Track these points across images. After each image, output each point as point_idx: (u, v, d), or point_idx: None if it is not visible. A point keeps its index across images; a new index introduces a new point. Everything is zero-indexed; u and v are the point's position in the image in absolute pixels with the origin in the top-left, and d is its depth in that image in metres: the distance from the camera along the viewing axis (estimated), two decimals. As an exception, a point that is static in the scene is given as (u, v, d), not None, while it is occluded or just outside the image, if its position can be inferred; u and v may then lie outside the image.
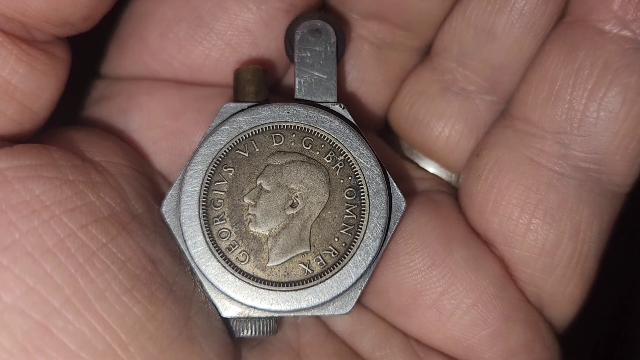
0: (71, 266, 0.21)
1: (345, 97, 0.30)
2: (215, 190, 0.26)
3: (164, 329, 0.23)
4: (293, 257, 0.25)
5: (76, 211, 0.23)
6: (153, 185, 0.27)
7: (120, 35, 0.30)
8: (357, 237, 0.25)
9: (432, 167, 0.31)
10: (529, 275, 0.27)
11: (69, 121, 0.31)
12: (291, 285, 0.25)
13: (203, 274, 0.25)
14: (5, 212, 0.21)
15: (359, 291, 0.26)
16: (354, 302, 0.26)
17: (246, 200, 0.25)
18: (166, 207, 0.26)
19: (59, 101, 0.27)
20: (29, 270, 0.21)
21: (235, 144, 0.26)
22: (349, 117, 0.27)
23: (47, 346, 0.21)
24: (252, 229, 0.25)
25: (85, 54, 0.31)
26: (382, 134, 0.32)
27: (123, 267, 0.22)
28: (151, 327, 0.22)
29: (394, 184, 0.26)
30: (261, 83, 0.27)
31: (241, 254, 0.25)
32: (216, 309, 0.25)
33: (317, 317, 0.28)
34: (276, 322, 0.26)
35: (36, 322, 0.21)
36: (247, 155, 0.26)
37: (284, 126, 0.26)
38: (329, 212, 0.26)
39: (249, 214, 0.25)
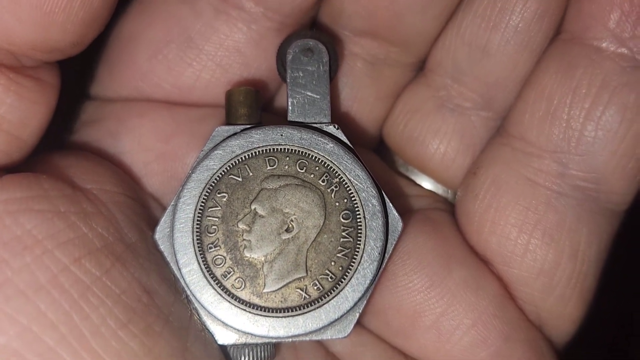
0: (65, 303, 0.21)
1: (338, 115, 0.29)
2: (209, 217, 0.25)
3: None
4: (289, 282, 0.25)
5: (69, 244, 0.22)
6: (145, 211, 0.27)
7: (109, 56, 0.29)
8: (354, 260, 0.25)
9: (427, 183, 0.31)
10: (528, 295, 0.27)
11: (58, 144, 0.30)
12: (288, 311, 0.25)
13: (199, 302, 0.25)
14: None
15: (357, 314, 0.26)
16: (352, 326, 0.26)
17: (241, 225, 0.25)
18: (159, 234, 0.25)
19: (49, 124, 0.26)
20: (23, 309, 0.20)
21: (229, 168, 0.25)
22: (344, 138, 0.26)
23: None
24: (247, 254, 0.25)
25: (74, 75, 0.31)
26: (376, 149, 0.32)
27: (118, 301, 0.22)
28: None
29: (390, 205, 0.26)
30: (253, 104, 0.27)
31: (237, 281, 0.25)
32: (213, 336, 0.25)
33: (316, 339, 0.28)
34: (274, 347, 0.26)
35: None
36: (240, 179, 0.25)
37: (277, 149, 0.26)
38: (325, 235, 0.25)
39: (243, 239, 0.25)
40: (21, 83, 0.23)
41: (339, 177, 0.26)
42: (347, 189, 0.26)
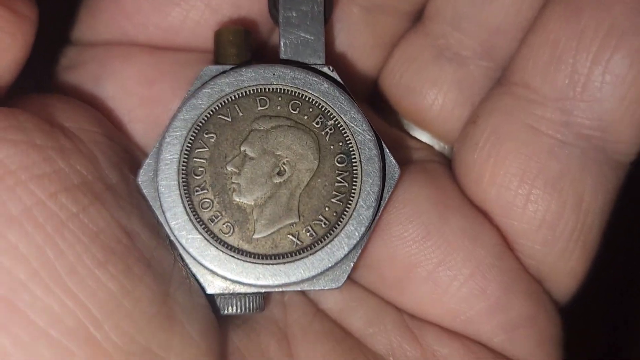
0: (39, 237, 0.20)
1: (333, 61, 0.28)
2: (196, 158, 0.24)
3: (142, 306, 0.21)
4: (281, 228, 0.24)
5: (44, 178, 0.21)
6: (128, 156, 0.25)
7: None
8: (349, 205, 0.24)
9: (424, 137, 0.30)
10: (528, 248, 0.26)
11: (38, 90, 0.29)
12: (279, 258, 0.23)
13: (184, 248, 0.23)
14: None
15: (351, 264, 0.24)
16: (346, 276, 0.24)
17: (229, 168, 0.24)
18: (143, 177, 0.24)
19: (27, 69, 0.25)
20: None
21: (217, 108, 0.24)
22: (339, 79, 0.25)
23: (12, 322, 0.19)
24: (236, 198, 0.24)
25: (54, 20, 0.29)
26: (371, 102, 0.30)
27: (95, 239, 0.21)
28: (127, 303, 0.20)
29: (387, 151, 0.25)
30: (243, 45, 0.26)
31: (225, 226, 0.23)
32: (199, 284, 0.24)
33: (305, 294, 0.27)
34: (263, 299, 0.25)
35: (0, 296, 0.19)
36: (229, 120, 0.24)
37: (269, 89, 0.24)
38: (319, 180, 0.24)
39: (232, 182, 0.24)
40: None
41: (334, 119, 0.24)
42: (343, 131, 0.24)
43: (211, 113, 0.24)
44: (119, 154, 0.25)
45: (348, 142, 0.24)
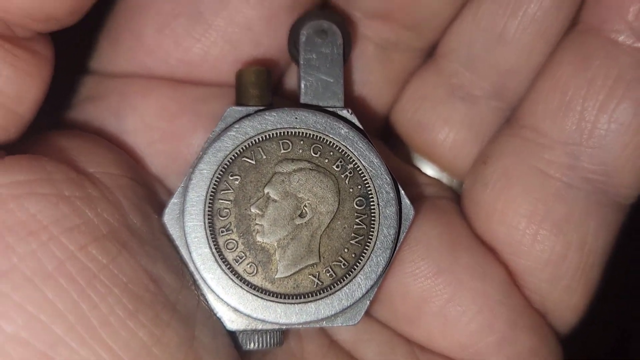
0: (73, 291, 0.20)
1: (349, 99, 0.29)
2: (221, 199, 0.25)
3: (171, 352, 0.22)
4: (302, 268, 0.25)
5: (75, 230, 0.21)
6: (149, 193, 0.26)
7: (113, 28, 0.28)
8: (367, 247, 0.25)
9: (431, 170, 0.31)
10: (534, 284, 0.27)
11: (57, 120, 0.29)
12: (301, 298, 0.24)
13: (209, 287, 0.24)
14: (2, 234, 0.20)
15: (368, 302, 0.25)
16: (362, 313, 0.25)
17: (253, 209, 0.25)
18: (168, 216, 0.25)
19: (46, 98, 0.25)
20: (30, 297, 0.20)
21: (242, 150, 0.25)
22: (357, 123, 0.26)
23: None
24: (259, 239, 0.24)
25: (72, 48, 0.30)
26: (382, 135, 0.31)
27: (125, 289, 0.21)
28: (157, 351, 0.21)
29: (402, 193, 0.26)
30: (265, 85, 0.26)
31: (249, 266, 0.24)
32: (222, 322, 0.25)
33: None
34: (282, 334, 0.26)
35: (40, 352, 0.20)
36: (254, 162, 0.25)
37: (292, 132, 0.25)
38: (339, 222, 0.25)
39: (256, 224, 0.25)
40: (17, 54, 0.22)
41: (354, 162, 0.25)
42: (362, 175, 0.25)
43: (236, 155, 0.25)
44: (140, 195, 0.25)
45: (367, 185, 0.25)
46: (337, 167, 0.25)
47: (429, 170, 0.31)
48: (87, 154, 0.25)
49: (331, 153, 0.25)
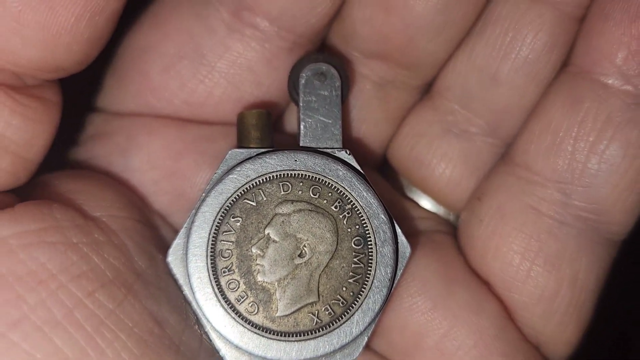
0: (81, 339, 0.21)
1: (346, 137, 0.30)
2: (223, 241, 0.25)
3: None
4: (302, 307, 0.25)
5: (82, 278, 0.22)
6: (153, 232, 0.27)
7: (119, 68, 0.29)
8: (364, 286, 0.26)
9: (428, 204, 0.32)
10: (528, 319, 0.28)
11: (64, 157, 0.30)
12: (300, 336, 0.25)
13: (212, 326, 0.25)
14: (12, 285, 0.21)
15: (366, 338, 0.26)
16: (360, 349, 0.26)
17: (254, 250, 0.25)
18: (172, 257, 0.26)
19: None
20: (40, 346, 0.21)
21: (243, 192, 0.26)
22: (355, 164, 0.27)
23: None
24: (260, 279, 0.25)
25: (79, 86, 0.30)
26: (380, 170, 0.32)
27: (131, 334, 0.22)
28: None
29: (399, 231, 0.27)
30: (266, 127, 0.27)
31: (250, 305, 0.25)
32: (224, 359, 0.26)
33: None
34: (282, 369, 0.27)
35: None
36: (254, 204, 0.26)
37: (291, 174, 0.26)
38: (337, 261, 0.26)
39: (257, 264, 0.25)
40: (26, 104, 0.23)
41: (351, 203, 0.26)
42: (359, 215, 0.26)
43: (237, 197, 0.26)
44: (145, 235, 0.26)
45: (364, 225, 0.26)
46: (336, 207, 0.26)
47: (426, 203, 0.32)
48: (94, 198, 0.25)
49: (330, 194, 0.26)
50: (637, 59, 0.26)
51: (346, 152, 0.27)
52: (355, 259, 0.26)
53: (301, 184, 0.26)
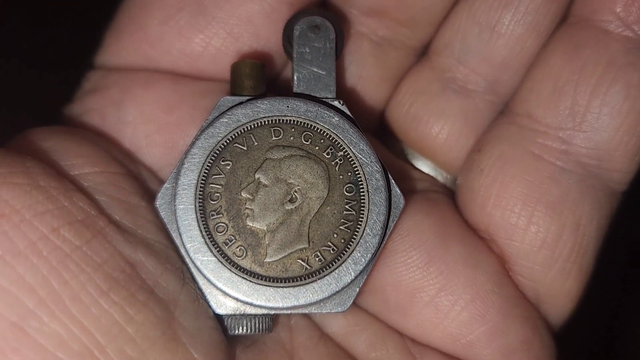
0: (44, 268, 0.21)
1: (343, 93, 0.30)
2: (213, 184, 0.25)
3: (145, 331, 0.22)
4: (291, 252, 0.25)
5: (47, 214, 0.22)
6: (139, 184, 0.26)
7: (118, 23, 0.29)
8: (356, 233, 0.25)
9: (427, 168, 0.31)
10: (528, 269, 0.27)
11: (59, 113, 0.30)
12: (289, 282, 0.25)
13: (198, 269, 0.24)
14: None
15: (357, 289, 0.25)
16: (351, 300, 0.25)
17: (244, 194, 0.25)
18: (160, 201, 0.25)
19: (47, 94, 0.26)
20: (1, 272, 0.20)
21: (234, 137, 0.25)
22: (348, 113, 0.27)
23: (24, 346, 0.20)
24: (249, 223, 0.25)
25: (78, 45, 0.31)
26: (377, 134, 0.32)
27: (99, 270, 0.22)
28: (130, 329, 0.22)
29: (392, 182, 0.26)
30: (259, 77, 0.27)
31: (238, 249, 0.25)
32: (209, 306, 0.25)
33: (311, 318, 0.28)
34: (271, 320, 0.26)
35: (11, 322, 0.20)
36: (245, 148, 0.25)
37: (283, 120, 0.26)
38: (328, 207, 0.25)
39: (246, 208, 0.25)
40: None
41: (344, 150, 0.26)
42: (351, 162, 0.26)
43: (228, 141, 0.25)
44: (125, 188, 0.25)
45: (356, 172, 0.26)
46: (328, 154, 0.26)
47: (424, 167, 0.31)
48: (71, 155, 0.25)
49: (322, 141, 0.26)
50: (637, 4, 0.25)
51: (339, 102, 0.27)
52: (346, 206, 0.25)
53: (293, 129, 0.26)
